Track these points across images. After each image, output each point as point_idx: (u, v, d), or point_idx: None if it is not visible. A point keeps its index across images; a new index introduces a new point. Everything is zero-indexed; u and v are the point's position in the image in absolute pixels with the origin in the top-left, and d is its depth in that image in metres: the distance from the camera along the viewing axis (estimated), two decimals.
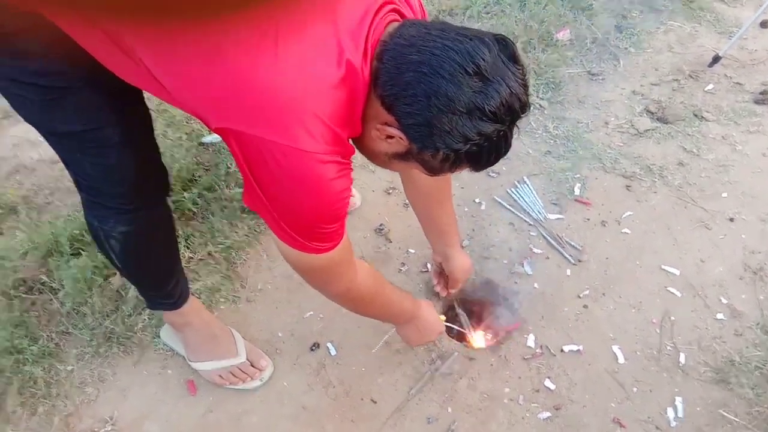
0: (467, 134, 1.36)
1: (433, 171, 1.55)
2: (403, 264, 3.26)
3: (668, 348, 2.89)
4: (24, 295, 2.96)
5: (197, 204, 3.38)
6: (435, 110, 1.34)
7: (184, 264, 3.11)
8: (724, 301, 3.07)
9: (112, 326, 2.89)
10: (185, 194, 3.38)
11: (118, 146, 1.81)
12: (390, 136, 1.46)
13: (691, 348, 2.89)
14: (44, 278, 2.99)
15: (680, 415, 2.66)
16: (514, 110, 1.39)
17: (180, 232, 3.26)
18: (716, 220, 3.45)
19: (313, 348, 2.92)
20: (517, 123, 1.46)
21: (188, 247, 3.23)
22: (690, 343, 2.91)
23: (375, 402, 2.74)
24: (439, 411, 2.70)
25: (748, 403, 2.66)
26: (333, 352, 2.90)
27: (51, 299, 2.96)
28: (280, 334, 2.97)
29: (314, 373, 2.84)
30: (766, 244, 3.32)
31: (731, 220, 3.44)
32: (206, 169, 3.61)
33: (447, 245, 2.78)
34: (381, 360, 2.88)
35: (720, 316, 3.01)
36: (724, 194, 3.58)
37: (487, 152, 1.44)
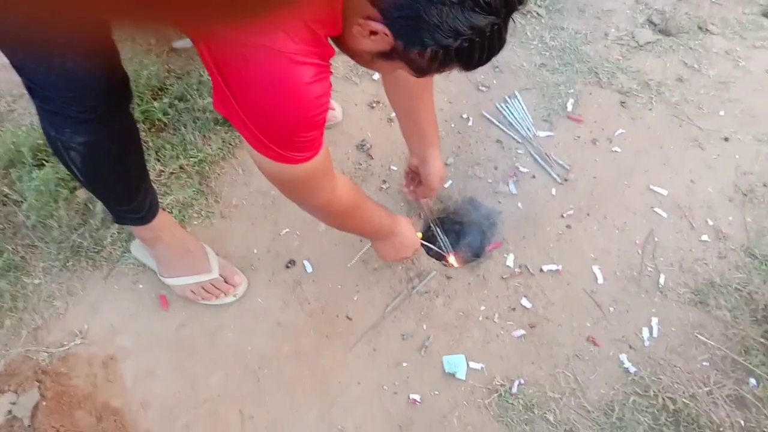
0: (458, 28, 1.22)
1: (419, 71, 1.41)
2: (385, 181, 3.14)
3: (649, 269, 2.85)
4: None
5: (168, 114, 3.21)
6: (423, 0, 1.20)
7: (154, 177, 2.99)
8: (711, 222, 3.00)
9: (80, 240, 2.80)
10: (155, 103, 3.19)
11: (73, 49, 1.64)
12: (373, 32, 1.31)
13: (672, 269, 2.84)
14: (6, 190, 2.86)
15: (655, 335, 2.66)
16: (510, 1, 1.24)
17: (150, 144, 3.11)
18: (711, 140, 3.31)
19: (289, 265, 2.86)
20: (513, 16, 1.30)
21: (159, 160, 3.09)
22: (671, 265, 2.86)
23: (350, 319, 2.71)
24: (414, 328, 2.68)
25: (724, 326, 2.65)
26: (309, 269, 2.85)
27: (15, 212, 2.85)
28: (255, 251, 2.90)
29: (290, 290, 2.79)
30: (759, 164, 3.21)
31: (726, 139, 3.31)
32: (178, 77, 3.40)
33: (425, 146, 2.61)
34: (357, 278, 2.83)
35: (705, 237, 2.95)
36: (722, 112, 3.42)
37: (479, 49, 1.29)
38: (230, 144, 3.21)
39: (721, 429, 2.35)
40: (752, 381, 2.49)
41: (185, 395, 2.51)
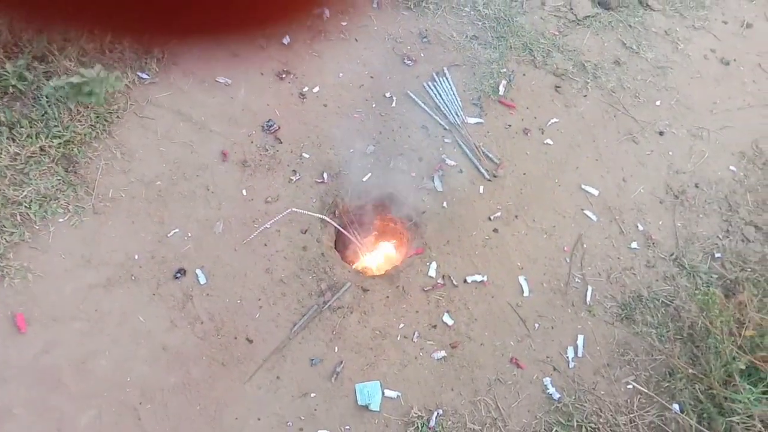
0: None
1: None
2: (295, 172, 2.73)
3: (577, 280, 2.67)
4: None
5: (25, 80, 2.59)
6: None
7: (8, 162, 2.43)
8: (641, 227, 2.85)
9: None
10: (8, 65, 2.56)
11: None
12: None
13: (600, 280, 2.68)
14: None
15: (580, 354, 2.51)
16: None
17: (2, 118, 2.51)
18: (645, 133, 3.12)
19: (178, 275, 2.43)
20: None
21: (14, 140, 2.50)
22: (599, 275, 2.70)
23: (251, 341, 2.36)
24: (324, 351, 2.38)
25: (650, 345, 2.54)
26: (203, 280, 2.44)
27: None
28: (136, 257, 2.44)
29: (179, 306, 2.38)
30: (692, 162, 3.07)
31: (661, 133, 3.13)
32: (38, 30, 2.74)
33: None
34: (260, 290, 2.46)
35: (634, 245, 2.79)
36: (658, 102, 3.22)
37: None
38: (105, 120, 2.65)
39: None
40: (675, 406, 2.41)
41: None
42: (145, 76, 2.80)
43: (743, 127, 3.23)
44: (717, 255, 2.80)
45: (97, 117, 2.64)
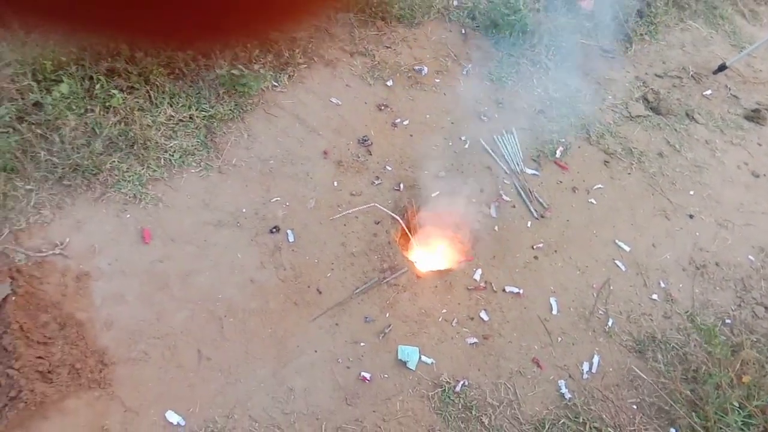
0: None
1: None
2: (378, 178, 3.31)
3: (600, 312, 3.07)
4: None
5: (189, 66, 3.34)
6: None
7: (163, 120, 3.11)
8: (663, 285, 3.26)
9: (80, 160, 2.88)
10: (179, 53, 3.33)
11: None
12: None
13: (620, 317, 3.07)
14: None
15: (594, 370, 2.86)
16: None
17: (166, 89, 3.23)
18: (677, 213, 3.60)
19: (273, 231, 2.98)
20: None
21: (171, 105, 3.21)
22: (620, 313, 3.09)
23: (320, 292, 2.84)
24: (378, 314, 2.83)
25: (656, 374, 2.87)
26: (291, 238, 2.98)
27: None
28: (244, 210, 3.02)
29: (269, 253, 2.91)
30: (716, 245, 3.50)
31: (691, 216, 3.60)
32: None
33: None
34: (334, 257, 2.97)
35: (655, 296, 3.19)
36: (692, 192, 3.72)
37: None
38: (242, 108, 3.35)
39: None
40: (672, 430, 2.70)
41: (149, 324, 2.59)
42: (276, 84, 3.53)
43: (765, 228, 3.67)
44: (727, 321, 3.16)
45: (236, 105, 3.34)
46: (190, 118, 3.21)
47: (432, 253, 3.17)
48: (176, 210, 2.94)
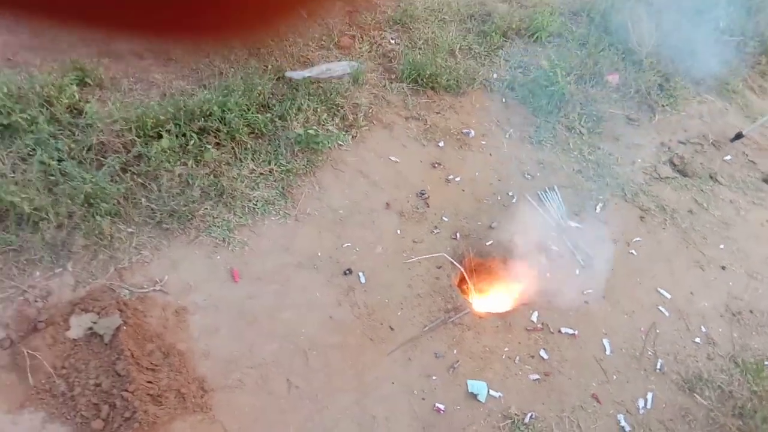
0: None
1: None
2: (436, 227, 3.62)
3: (649, 353, 3.28)
4: (101, 158, 3.25)
5: (268, 127, 3.72)
6: None
7: (246, 173, 3.45)
8: (704, 329, 3.49)
9: (176, 206, 3.20)
10: (260, 116, 3.71)
11: None
12: None
13: (668, 357, 3.29)
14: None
15: (648, 406, 3.05)
16: None
17: (248, 146, 3.60)
18: (711, 265, 3.88)
19: (347, 273, 3.25)
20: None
21: (253, 160, 3.56)
22: (668, 354, 3.31)
23: (392, 329, 3.08)
24: (446, 350, 3.05)
25: (707, 410, 3.06)
26: (363, 280, 3.24)
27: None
28: (319, 254, 3.30)
29: (344, 293, 3.17)
30: (749, 294, 3.75)
31: (723, 268, 3.87)
32: (280, 101, 3.94)
33: None
34: (402, 298, 3.22)
35: (698, 340, 3.42)
36: (722, 246, 4.01)
37: None
38: (314, 164, 3.70)
39: None
40: None
41: (242, 355, 2.81)
42: (342, 144, 3.90)
43: None
44: (766, 363, 3.37)
45: (308, 161, 3.70)
46: (270, 171, 3.55)
47: (490, 296, 3.42)
48: (260, 253, 3.22)
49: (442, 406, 2.82)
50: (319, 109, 3.92)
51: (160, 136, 3.36)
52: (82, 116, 3.28)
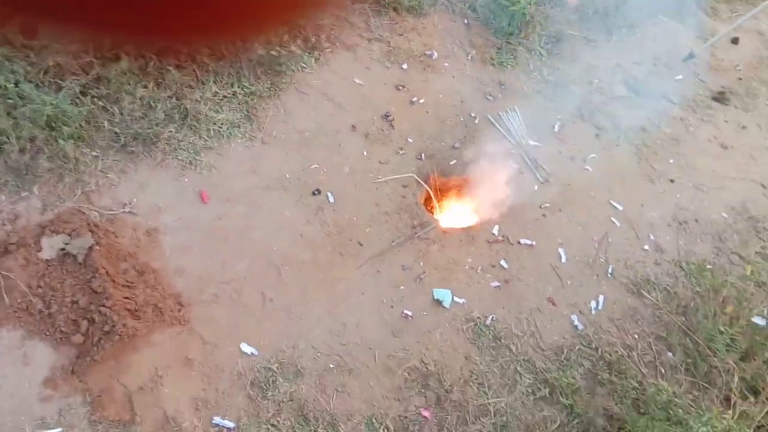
0: None
1: None
2: (402, 148, 3.69)
3: (601, 260, 3.51)
4: (59, 81, 3.17)
5: (229, 48, 3.66)
6: None
7: (209, 96, 3.43)
8: (652, 237, 3.73)
9: (140, 129, 3.17)
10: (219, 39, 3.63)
11: None
12: None
13: (619, 264, 3.52)
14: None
15: (600, 307, 3.30)
16: None
17: (210, 68, 3.55)
18: (660, 179, 4.09)
19: (315, 193, 3.33)
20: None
21: (216, 83, 3.52)
22: (619, 261, 3.54)
23: (361, 245, 3.20)
24: (413, 263, 3.20)
25: (653, 309, 3.33)
26: (331, 200, 3.32)
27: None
28: (287, 176, 3.36)
29: (313, 212, 3.26)
30: (695, 205, 4.00)
31: (672, 181, 4.10)
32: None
33: None
34: (371, 217, 3.33)
35: (646, 247, 3.66)
36: (671, 161, 4.23)
37: None
38: (278, 87, 3.68)
39: (641, 381, 2.98)
40: (670, 353, 3.16)
41: (215, 271, 2.90)
42: (305, 66, 3.87)
43: (734, 190, 4.20)
44: (708, 266, 3.65)
45: (272, 84, 3.68)
46: (233, 94, 3.53)
47: (454, 213, 3.56)
48: (228, 175, 3.25)
49: (409, 313, 2.99)
50: (280, 30, 3.86)
51: (119, 58, 3.28)
52: (36, 37, 3.16)
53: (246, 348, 2.71)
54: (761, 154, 4.56)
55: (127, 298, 2.63)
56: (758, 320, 3.20)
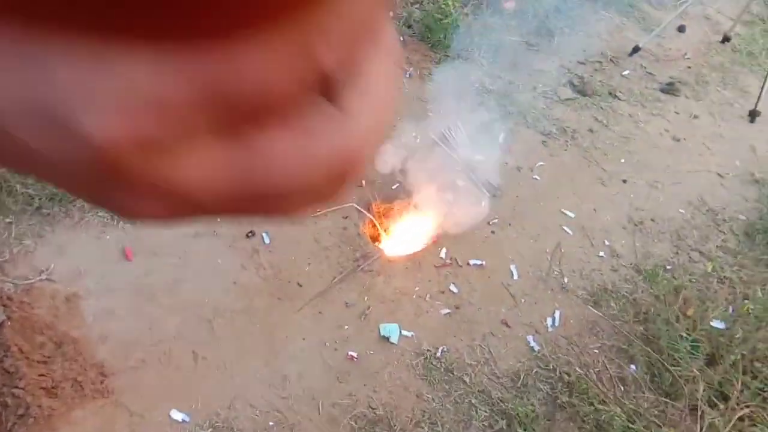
0: None
1: None
2: None
3: (555, 272, 3.38)
4: None
5: None
6: None
7: None
8: (607, 243, 3.60)
9: (55, 189, 3.01)
10: None
11: None
12: None
13: (574, 275, 3.39)
14: None
15: (556, 324, 3.16)
16: None
17: None
18: (612, 180, 3.98)
19: (249, 235, 3.17)
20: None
21: None
22: (573, 271, 3.41)
23: (301, 285, 3.04)
24: (356, 298, 3.05)
25: (612, 320, 3.19)
26: (267, 240, 3.17)
27: None
28: (218, 219, 3.19)
29: (248, 255, 3.10)
30: (649, 204, 3.89)
31: (624, 181, 3.99)
32: None
33: None
34: (309, 253, 3.18)
35: (602, 254, 3.54)
36: (622, 160, 4.12)
37: None
38: None
39: (605, 399, 2.84)
40: (632, 366, 3.02)
41: (142, 334, 2.73)
42: None
43: (691, 184, 4.10)
44: (668, 267, 3.53)
45: None
46: None
47: (399, 239, 3.42)
48: (153, 227, 3.09)
49: (354, 354, 2.83)
50: None
51: None
52: None
53: (176, 415, 2.53)
54: (715, 143, 4.47)
55: (42, 375, 2.45)
56: (717, 324, 3.07)
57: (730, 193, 4.08)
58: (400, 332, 2.94)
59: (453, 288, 3.18)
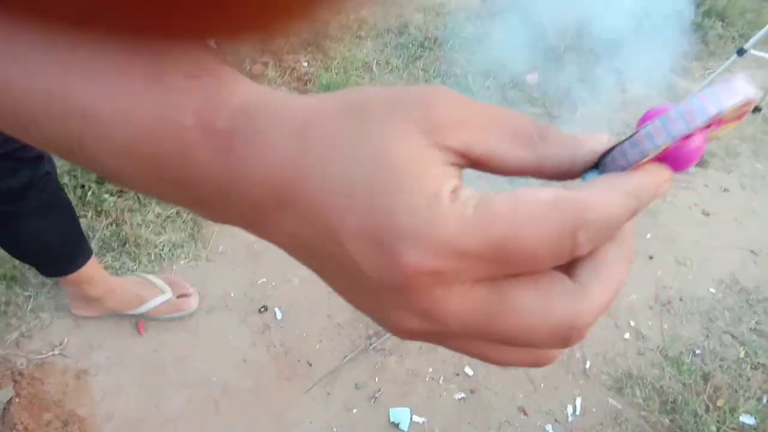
0: None
1: None
2: None
3: (577, 355, 3.24)
4: None
5: None
6: None
7: (153, 218, 3.35)
8: (633, 324, 3.45)
9: None
10: None
11: None
12: None
13: (597, 358, 3.24)
14: None
15: (578, 412, 3.00)
16: None
17: None
18: (638, 257, 3.86)
19: (261, 310, 3.16)
20: None
21: (159, 204, 3.45)
22: (597, 354, 3.26)
23: (311, 364, 2.99)
24: (367, 379, 2.97)
25: (637, 409, 3.02)
26: (279, 316, 3.15)
27: None
28: (232, 294, 3.20)
29: (259, 332, 3.08)
30: (678, 282, 3.74)
31: (651, 258, 3.86)
32: None
33: None
34: (321, 330, 3.14)
35: (627, 336, 3.38)
36: (649, 235, 4.00)
37: None
38: None
39: None
40: None
41: (149, 413, 2.70)
42: None
43: (722, 261, 3.93)
44: (698, 351, 3.35)
45: None
46: (177, 213, 3.45)
47: None
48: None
49: None
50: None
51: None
52: None
53: None
54: (747, 218, 4.32)
55: None
56: (747, 419, 2.86)
57: (763, 271, 3.90)
58: (411, 418, 2.84)
59: (468, 370, 3.07)
